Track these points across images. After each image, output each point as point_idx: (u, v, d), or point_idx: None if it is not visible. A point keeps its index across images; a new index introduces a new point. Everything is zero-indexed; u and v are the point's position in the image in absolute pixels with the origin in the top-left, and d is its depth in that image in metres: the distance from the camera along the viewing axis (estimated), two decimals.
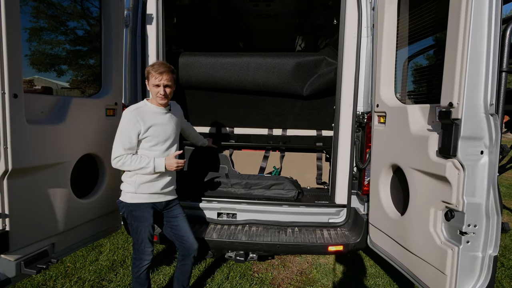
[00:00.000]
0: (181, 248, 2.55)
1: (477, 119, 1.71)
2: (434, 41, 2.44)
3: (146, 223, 2.38)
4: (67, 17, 2.84)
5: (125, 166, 2.30)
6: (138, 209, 2.36)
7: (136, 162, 2.27)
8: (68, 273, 3.31)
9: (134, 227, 2.39)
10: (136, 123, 2.26)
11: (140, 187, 2.35)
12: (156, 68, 2.27)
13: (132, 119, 2.26)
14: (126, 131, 2.27)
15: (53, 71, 3.28)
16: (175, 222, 2.55)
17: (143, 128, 2.27)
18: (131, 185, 2.35)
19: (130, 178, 2.36)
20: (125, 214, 2.42)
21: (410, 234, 2.18)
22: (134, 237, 2.41)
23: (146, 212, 2.37)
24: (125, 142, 2.28)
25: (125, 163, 2.28)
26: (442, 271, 1.87)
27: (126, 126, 2.27)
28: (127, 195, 2.38)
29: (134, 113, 2.28)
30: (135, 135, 2.27)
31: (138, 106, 2.35)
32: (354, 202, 2.99)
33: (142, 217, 2.36)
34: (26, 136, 1.98)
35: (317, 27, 4.59)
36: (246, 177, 3.27)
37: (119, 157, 2.28)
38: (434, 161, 1.91)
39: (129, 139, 2.27)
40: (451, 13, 1.75)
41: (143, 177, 2.35)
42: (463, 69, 1.68)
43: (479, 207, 1.76)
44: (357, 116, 2.85)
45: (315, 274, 3.46)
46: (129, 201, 2.37)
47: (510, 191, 7.07)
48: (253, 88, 3.46)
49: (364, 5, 2.74)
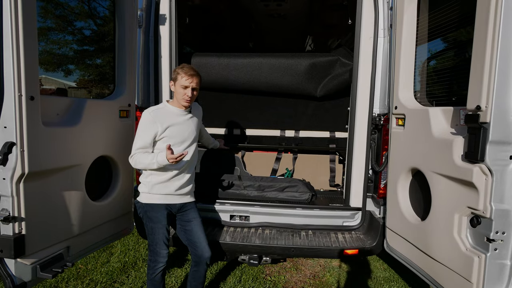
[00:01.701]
0: (193, 255, 2.51)
1: (507, 122, 1.65)
2: (455, 42, 2.37)
3: (160, 225, 2.36)
4: (74, 17, 2.84)
5: (137, 164, 2.31)
6: (152, 210, 2.35)
7: (144, 158, 2.26)
8: (80, 275, 3.30)
9: (149, 228, 2.38)
10: (154, 124, 2.26)
11: (154, 187, 2.34)
12: (187, 70, 2.29)
13: (150, 120, 2.27)
14: (143, 131, 2.28)
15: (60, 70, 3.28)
16: (189, 227, 2.50)
17: (161, 129, 2.27)
18: (146, 185, 2.36)
19: (145, 179, 2.37)
20: (141, 215, 2.41)
21: (432, 239, 2.12)
22: (149, 239, 2.40)
23: (159, 213, 2.36)
24: (141, 141, 2.29)
25: (137, 161, 2.29)
26: (468, 279, 1.81)
27: (143, 127, 2.29)
28: (142, 195, 2.39)
29: (152, 114, 2.29)
30: (151, 136, 2.27)
31: (158, 108, 2.36)
32: (370, 205, 2.94)
33: (156, 218, 2.35)
34: (43, 138, 1.96)
35: (329, 27, 4.53)
36: (259, 179, 3.23)
37: (133, 155, 2.31)
38: (459, 165, 1.85)
39: (144, 139, 2.28)
40: (479, 11, 1.68)
41: (157, 178, 2.34)
42: (492, 71, 1.62)
43: (507, 213, 1.69)
44: (373, 118, 2.80)
45: (328, 277, 3.42)
46: (144, 201, 2.37)
47: None
48: (266, 89, 3.42)
49: (381, 5, 2.68)
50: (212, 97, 3.62)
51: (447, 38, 2.37)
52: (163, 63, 2.96)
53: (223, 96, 3.61)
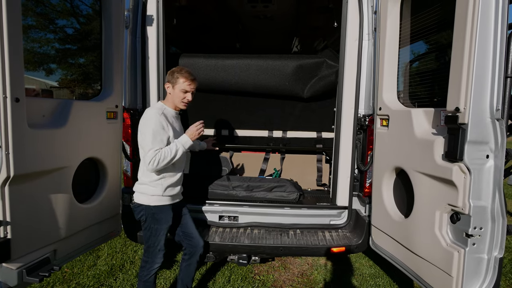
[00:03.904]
0: (188, 247, 2.57)
1: (484, 123, 1.74)
2: (436, 45, 2.47)
3: (166, 225, 2.41)
4: (56, 15, 2.78)
5: (160, 164, 2.21)
6: (161, 212, 2.36)
7: (168, 153, 2.23)
8: (66, 279, 3.24)
9: (153, 230, 2.37)
10: (166, 127, 2.28)
11: (167, 190, 2.37)
12: (188, 75, 2.32)
13: (162, 123, 2.26)
14: (158, 134, 2.23)
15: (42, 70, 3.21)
16: (184, 220, 2.59)
17: (171, 133, 2.31)
18: (157, 188, 2.34)
19: (156, 181, 2.33)
20: (144, 217, 2.37)
21: (415, 236, 2.21)
22: (150, 240, 2.39)
23: (168, 214, 2.40)
24: (159, 143, 2.22)
25: (159, 160, 2.20)
26: (448, 273, 1.89)
27: (156, 129, 2.22)
28: (152, 198, 2.34)
29: (162, 117, 2.28)
30: (166, 139, 2.28)
31: (162, 109, 2.34)
32: (356, 204, 3.01)
33: (164, 219, 2.38)
34: (28, 141, 1.93)
35: (315, 29, 4.61)
36: (248, 180, 3.26)
37: (153, 158, 2.20)
38: (440, 164, 1.93)
39: (162, 140, 2.25)
40: (458, 19, 1.77)
41: (170, 180, 2.38)
42: (470, 75, 1.70)
43: (485, 210, 1.79)
44: (359, 119, 2.87)
45: (316, 275, 3.48)
46: (154, 203, 2.34)
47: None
48: (254, 90, 3.46)
49: (366, 8, 2.76)
50: (200, 98, 3.62)
51: (429, 41, 2.46)
52: (151, 64, 2.94)
53: (211, 97, 3.62)
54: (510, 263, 3.77)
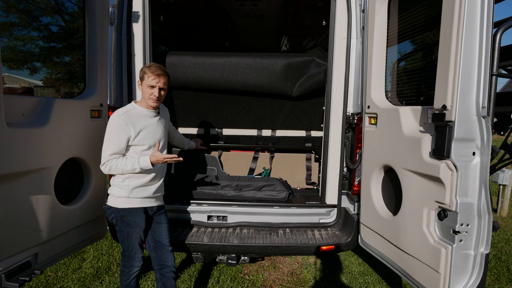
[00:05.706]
0: (157, 259, 2.44)
1: (470, 121, 1.75)
2: (423, 44, 2.49)
3: (138, 229, 2.30)
4: (40, 12, 2.68)
5: (112, 171, 2.21)
6: (130, 214, 2.28)
7: (122, 165, 2.19)
8: (49, 283, 3.14)
9: (124, 233, 2.29)
10: (126, 127, 2.17)
11: (133, 191, 2.26)
12: (154, 69, 2.22)
13: (122, 123, 2.16)
14: (115, 135, 2.17)
15: (26, 68, 3.10)
16: (159, 229, 2.46)
17: (133, 133, 2.19)
18: (123, 189, 2.26)
19: (122, 183, 2.27)
20: (114, 220, 2.31)
21: (403, 233, 2.22)
22: (124, 244, 2.32)
23: (138, 217, 2.30)
24: (114, 147, 2.18)
25: (112, 167, 2.19)
26: (436, 270, 1.91)
27: (115, 131, 2.18)
28: (118, 199, 2.28)
29: (123, 117, 2.18)
30: (124, 140, 2.18)
31: (127, 110, 2.26)
32: (345, 202, 3.02)
33: (134, 222, 2.28)
34: (6, 140, 1.85)
35: (304, 27, 4.61)
36: (237, 179, 3.23)
37: (107, 162, 2.19)
38: (427, 162, 1.94)
39: (118, 144, 2.18)
40: (444, 18, 1.78)
41: (135, 181, 2.27)
42: (456, 73, 1.71)
43: (471, 206, 1.80)
44: (347, 117, 2.88)
45: (305, 274, 3.47)
46: (121, 206, 2.27)
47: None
48: (242, 89, 3.42)
49: (354, 7, 2.76)
50: (188, 96, 3.57)
51: (416, 40, 2.49)
52: (137, 62, 2.88)
53: (199, 95, 3.57)
54: (494, 258, 3.85)
